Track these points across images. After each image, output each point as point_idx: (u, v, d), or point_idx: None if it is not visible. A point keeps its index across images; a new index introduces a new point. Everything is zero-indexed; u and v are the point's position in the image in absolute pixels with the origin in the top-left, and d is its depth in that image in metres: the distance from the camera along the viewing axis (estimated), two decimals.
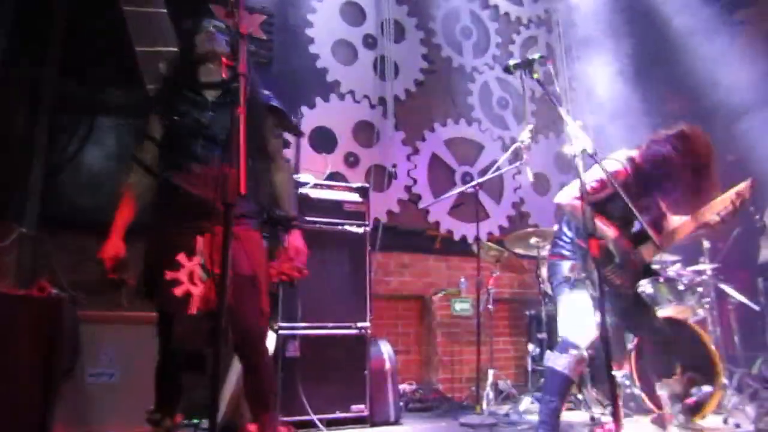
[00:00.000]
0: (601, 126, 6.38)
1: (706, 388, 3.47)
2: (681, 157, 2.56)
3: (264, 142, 2.26)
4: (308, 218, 3.47)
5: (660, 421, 3.02)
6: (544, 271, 4.29)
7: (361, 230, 3.60)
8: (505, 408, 4.04)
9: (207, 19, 2.20)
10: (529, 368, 4.26)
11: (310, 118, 4.58)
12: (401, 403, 4.04)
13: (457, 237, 5.00)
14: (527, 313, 4.39)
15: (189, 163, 2.03)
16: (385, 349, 3.72)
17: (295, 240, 2.28)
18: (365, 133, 4.82)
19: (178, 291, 1.80)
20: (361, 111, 4.83)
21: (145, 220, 2.11)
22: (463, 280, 4.71)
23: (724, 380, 3.66)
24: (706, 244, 4.50)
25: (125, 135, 3.38)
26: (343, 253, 3.55)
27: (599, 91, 6.39)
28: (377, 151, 4.80)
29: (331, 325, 3.41)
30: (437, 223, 4.97)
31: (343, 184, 3.76)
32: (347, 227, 3.58)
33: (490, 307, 4.25)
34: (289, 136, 4.39)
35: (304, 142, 4.48)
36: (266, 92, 2.31)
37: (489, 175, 4.25)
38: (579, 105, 6.29)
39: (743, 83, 5.99)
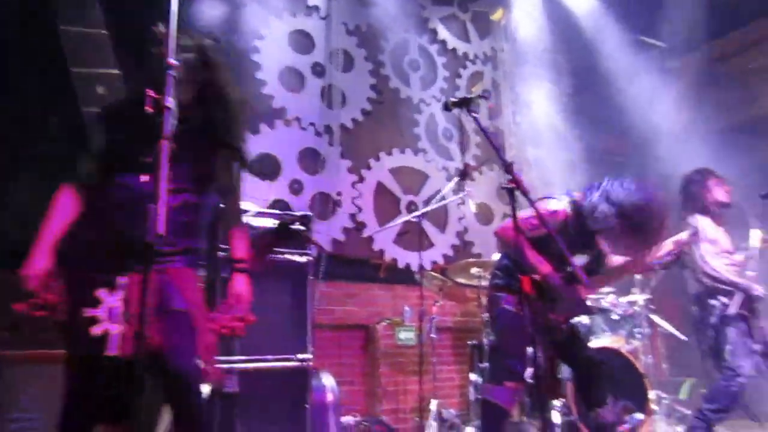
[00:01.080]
0: (542, 159, 6.63)
1: (638, 416, 3.60)
2: (624, 227, 2.56)
3: (214, 174, 2.09)
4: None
5: None
6: (485, 301, 4.37)
7: (303, 259, 3.55)
8: None
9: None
10: (472, 397, 4.27)
11: (253, 145, 4.50)
12: None
13: (401, 265, 5.02)
14: (469, 342, 4.42)
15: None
16: (328, 381, 3.65)
17: (237, 285, 2.13)
18: (310, 160, 4.80)
19: (96, 330, 1.69)
20: (306, 138, 4.82)
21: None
22: (407, 308, 4.70)
23: (654, 407, 3.81)
24: (638, 276, 4.70)
25: (55, 162, 3.21)
26: (284, 283, 3.49)
27: (540, 126, 6.65)
28: (322, 178, 4.78)
29: (270, 357, 3.32)
30: (382, 252, 4.98)
31: (286, 212, 3.71)
32: (289, 256, 3.53)
33: (433, 336, 4.26)
34: None
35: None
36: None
37: (433, 205, 4.32)
38: (522, 139, 6.50)
39: (670, 126, 6.40)
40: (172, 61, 1.55)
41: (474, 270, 4.13)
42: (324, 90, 5.04)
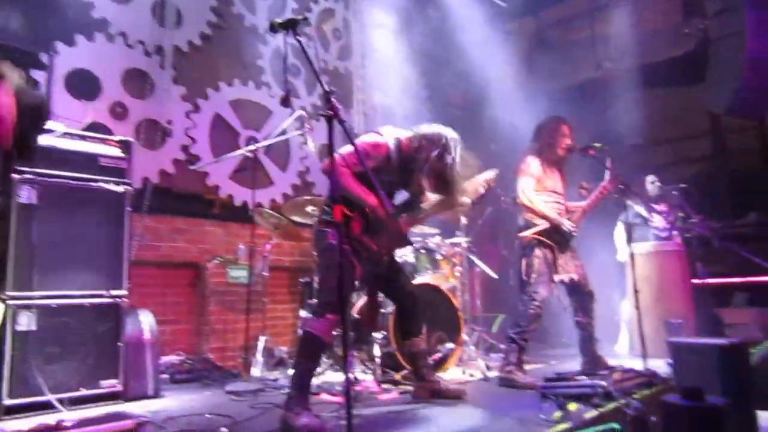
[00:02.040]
0: (389, 106, 6.75)
1: (450, 345, 3.95)
2: (434, 164, 2.80)
3: None
4: (54, 172, 3.02)
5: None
6: None
7: (120, 189, 3.25)
8: (276, 374, 4.09)
9: None
10: (300, 332, 4.35)
11: (67, 58, 3.96)
12: (165, 376, 3.84)
13: (238, 202, 4.85)
14: (301, 280, 4.47)
15: None
16: (145, 319, 3.46)
17: None
18: (137, 82, 4.34)
19: None
20: (133, 57, 4.33)
21: None
22: (241, 246, 4.59)
23: (465, 338, 4.20)
24: (464, 220, 5.06)
25: None
26: (96, 214, 3.18)
27: (389, 72, 6.72)
28: (151, 104, 4.37)
29: (78, 293, 3.04)
30: (217, 187, 4.76)
31: (101, 135, 3.34)
32: (103, 185, 3.20)
33: (265, 274, 4.23)
34: (38, 75, 3.78)
35: (59, 85, 3.87)
36: None
37: (271, 140, 4.19)
38: (369, 83, 6.54)
39: (508, 85, 6.87)
40: None
41: (309, 208, 4.12)
42: (155, 5, 4.54)
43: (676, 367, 2.59)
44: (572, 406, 2.57)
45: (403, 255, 4.27)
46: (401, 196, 3.12)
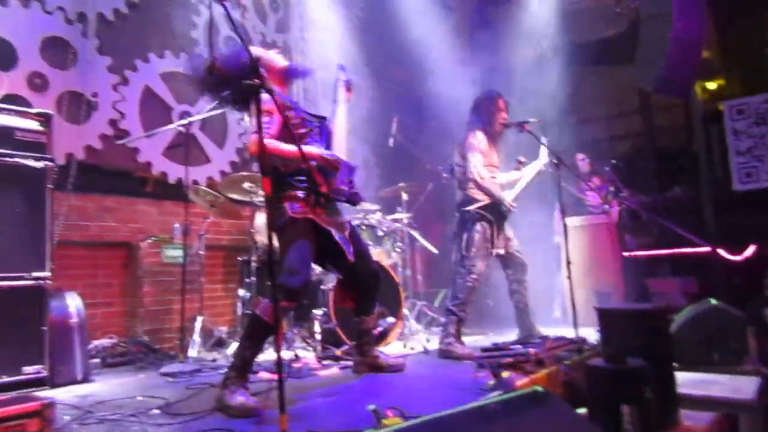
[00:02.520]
0: (328, 80, 6.64)
1: (390, 320, 3.99)
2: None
3: None
4: None
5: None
6: (257, 218, 4.32)
7: (40, 165, 3.06)
8: (214, 354, 4.02)
9: None
10: (240, 312, 4.28)
11: None
12: (97, 360, 3.70)
13: (172, 180, 4.66)
14: (239, 259, 4.38)
15: None
16: (72, 301, 3.32)
17: None
18: (58, 51, 4.06)
19: None
20: (52, 24, 4.04)
21: None
22: (177, 225, 4.44)
23: (406, 312, 4.25)
24: (405, 196, 5.09)
25: None
26: (14, 191, 2.98)
27: (329, 46, 6.60)
28: (73, 75, 4.11)
29: None
30: (149, 164, 4.56)
31: (18, 108, 3.12)
32: (21, 160, 3.00)
33: (201, 253, 4.11)
34: None
35: None
36: None
37: (204, 115, 4.05)
38: (309, 57, 6.41)
39: (449, 61, 6.89)
40: None
41: (247, 185, 4.02)
42: None
43: (603, 332, 2.71)
44: (505, 374, 2.65)
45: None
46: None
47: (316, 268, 3.60)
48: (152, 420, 2.26)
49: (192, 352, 3.82)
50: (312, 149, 2.65)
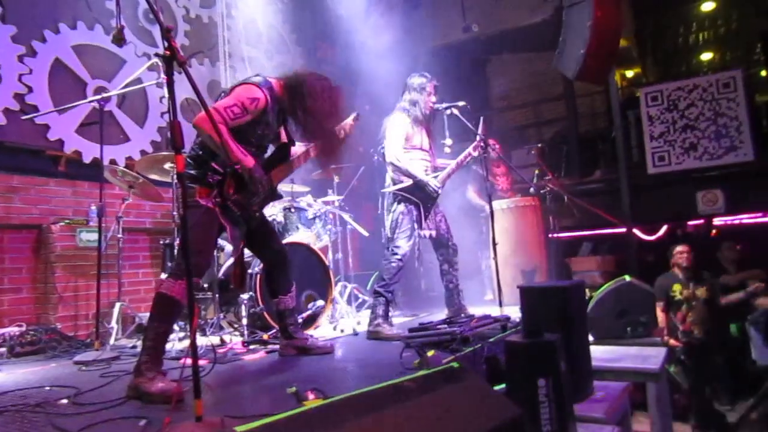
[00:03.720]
0: (257, 59, 6.45)
1: (320, 303, 3.95)
2: (314, 103, 2.75)
3: None
4: None
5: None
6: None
7: None
8: (135, 341, 3.85)
9: None
10: None
11: None
12: (3, 349, 3.46)
13: (87, 159, 4.39)
14: (162, 242, 4.20)
15: None
16: None
17: None
18: None
19: None
20: None
21: None
22: (93, 207, 4.20)
23: (336, 295, 4.23)
24: (336, 179, 5.04)
25: None
26: None
27: (259, 25, 6.40)
28: None
29: None
30: (61, 142, 4.27)
31: None
32: None
33: (119, 236, 3.91)
34: None
35: None
36: None
37: (119, 90, 3.82)
38: (236, 34, 6.19)
39: (380, 42, 6.84)
40: None
41: (168, 165, 3.84)
42: None
43: (524, 309, 2.79)
44: (431, 353, 2.69)
45: (272, 214, 4.16)
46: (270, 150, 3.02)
47: (247, 252, 3.52)
48: (59, 410, 2.13)
49: (111, 340, 3.64)
50: (249, 161, 2.56)
